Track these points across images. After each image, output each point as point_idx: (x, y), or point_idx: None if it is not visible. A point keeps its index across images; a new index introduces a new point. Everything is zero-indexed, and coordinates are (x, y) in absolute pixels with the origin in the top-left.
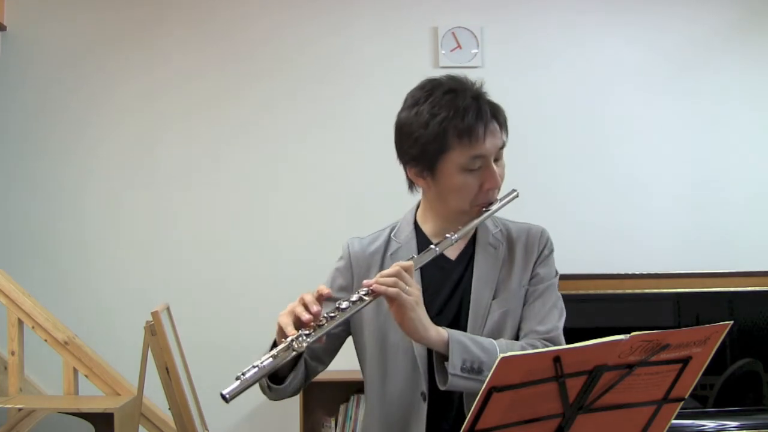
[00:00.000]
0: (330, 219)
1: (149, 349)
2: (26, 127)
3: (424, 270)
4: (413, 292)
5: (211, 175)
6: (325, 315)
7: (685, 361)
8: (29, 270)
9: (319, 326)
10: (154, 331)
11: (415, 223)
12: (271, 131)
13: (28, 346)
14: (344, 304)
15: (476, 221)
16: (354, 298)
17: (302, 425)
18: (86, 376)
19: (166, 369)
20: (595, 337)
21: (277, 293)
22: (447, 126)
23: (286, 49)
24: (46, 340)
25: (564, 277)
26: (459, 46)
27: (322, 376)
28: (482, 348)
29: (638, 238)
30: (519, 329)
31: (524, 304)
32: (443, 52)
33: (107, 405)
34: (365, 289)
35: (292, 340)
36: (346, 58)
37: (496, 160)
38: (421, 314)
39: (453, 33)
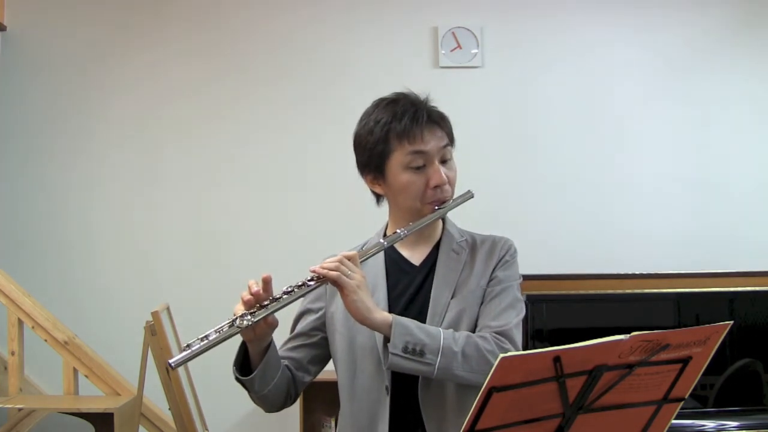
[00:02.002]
0: (332, 220)
1: (149, 349)
2: (25, 127)
3: (390, 274)
4: (355, 276)
5: (212, 176)
6: (271, 297)
7: (685, 361)
8: (29, 270)
9: (263, 307)
10: (154, 331)
11: (384, 236)
12: (270, 133)
13: (28, 346)
14: (290, 289)
15: (426, 218)
16: (299, 283)
17: (302, 425)
18: (86, 376)
19: (166, 369)
20: (595, 337)
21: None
22: (388, 129)
23: (285, 49)
24: (46, 340)
25: (565, 278)
26: (459, 46)
27: (321, 377)
28: (426, 332)
29: (638, 238)
30: (476, 327)
31: (482, 304)
32: (443, 52)
33: (107, 405)
34: (311, 274)
35: (236, 318)
36: (346, 58)
37: (445, 161)
38: (363, 297)
39: (453, 33)
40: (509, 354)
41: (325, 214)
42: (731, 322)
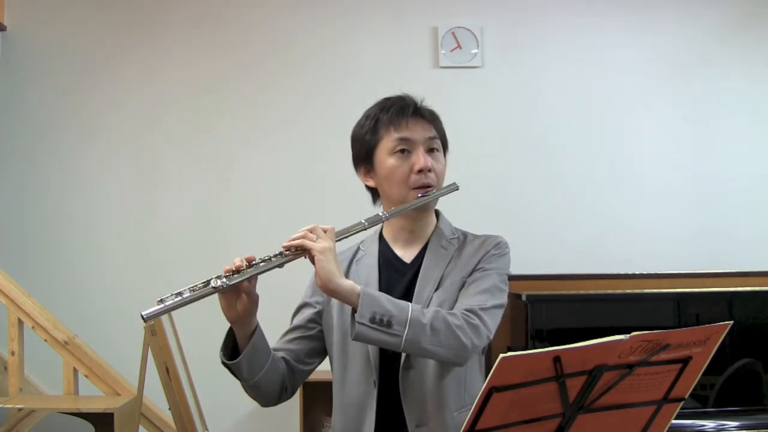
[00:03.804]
0: (332, 220)
1: (149, 349)
2: (25, 127)
3: (382, 272)
4: (322, 242)
5: (213, 177)
6: (249, 263)
7: (685, 361)
8: (29, 270)
9: (239, 271)
10: (154, 331)
11: (380, 234)
12: (271, 133)
13: (28, 346)
14: (267, 257)
15: (408, 204)
16: (277, 252)
17: (302, 425)
18: (86, 376)
19: (166, 369)
20: (595, 337)
21: (277, 293)
22: (377, 119)
23: (285, 50)
24: (46, 340)
25: (565, 278)
26: (459, 46)
27: (321, 377)
28: (394, 305)
29: (639, 238)
30: None
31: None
32: (443, 52)
33: (107, 405)
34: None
35: (211, 279)
36: (347, 59)
37: (432, 151)
38: (330, 259)
39: (453, 33)
40: (509, 354)
41: (325, 214)
42: (731, 322)
